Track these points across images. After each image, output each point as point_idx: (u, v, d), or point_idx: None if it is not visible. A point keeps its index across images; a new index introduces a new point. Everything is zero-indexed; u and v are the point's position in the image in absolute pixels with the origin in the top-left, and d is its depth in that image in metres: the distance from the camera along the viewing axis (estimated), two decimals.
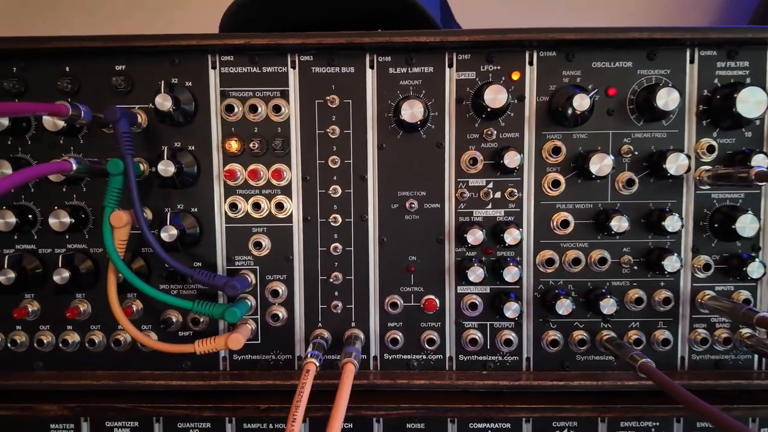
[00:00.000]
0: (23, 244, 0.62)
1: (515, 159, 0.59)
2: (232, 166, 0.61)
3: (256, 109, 0.60)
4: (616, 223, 0.59)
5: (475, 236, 0.60)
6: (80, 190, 0.62)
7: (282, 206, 0.61)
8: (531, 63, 0.61)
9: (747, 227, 0.58)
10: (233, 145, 0.60)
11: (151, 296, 0.57)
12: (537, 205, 0.62)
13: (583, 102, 0.57)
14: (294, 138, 0.61)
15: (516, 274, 0.59)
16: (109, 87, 0.60)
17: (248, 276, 0.62)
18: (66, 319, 0.62)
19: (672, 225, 0.59)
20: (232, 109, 0.60)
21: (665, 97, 0.57)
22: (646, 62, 0.60)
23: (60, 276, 0.58)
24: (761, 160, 0.58)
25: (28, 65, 0.60)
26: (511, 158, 0.59)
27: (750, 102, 0.56)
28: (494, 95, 0.57)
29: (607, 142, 0.61)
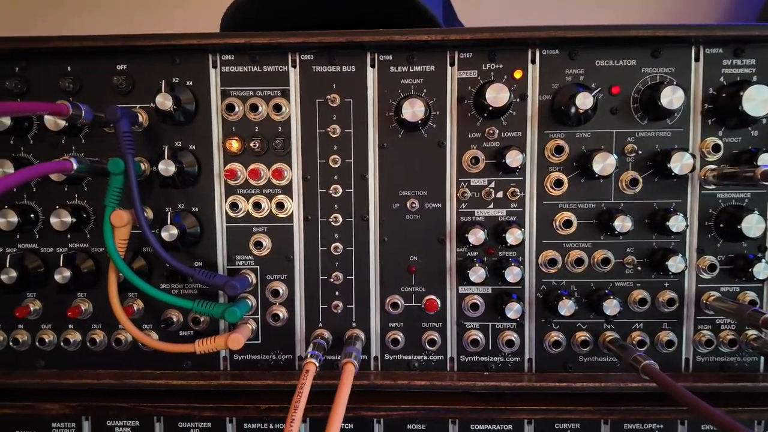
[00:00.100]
0: (25, 243, 0.62)
1: (517, 158, 0.58)
2: (232, 165, 0.61)
3: (256, 108, 0.60)
4: (619, 223, 0.58)
5: (476, 236, 0.59)
6: (81, 190, 0.62)
7: (282, 206, 0.61)
8: (533, 61, 0.60)
9: (753, 227, 0.57)
10: (234, 144, 0.60)
11: (152, 296, 0.57)
12: (539, 204, 0.61)
13: (586, 100, 0.56)
14: (294, 137, 0.61)
15: (518, 274, 0.59)
16: (111, 86, 0.60)
17: (249, 276, 0.62)
18: (67, 318, 0.62)
19: (676, 225, 0.58)
20: (232, 109, 0.60)
21: (670, 96, 0.56)
22: (650, 60, 0.60)
23: (61, 275, 0.58)
24: None
25: (30, 65, 0.61)
26: (513, 157, 0.58)
27: (756, 100, 0.56)
28: (496, 94, 0.57)
29: (610, 141, 0.60)
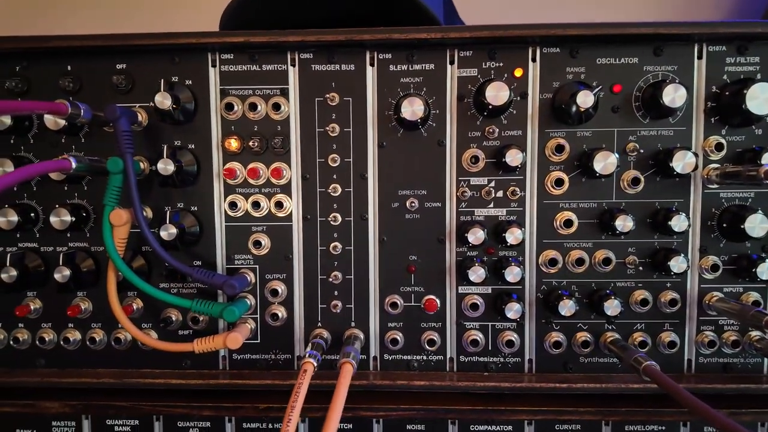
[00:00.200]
0: (25, 242, 0.63)
1: (517, 157, 0.58)
2: (231, 164, 0.61)
3: (255, 107, 0.60)
4: (621, 223, 0.58)
5: (476, 236, 0.59)
6: (81, 189, 0.62)
7: (281, 205, 0.61)
8: (534, 59, 0.60)
9: (757, 227, 0.57)
10: (233, 143, 0.60)
11: (151, 295, 0.57)
12: (540, 204, 0.61)
13: (587, 99, 0.56)
14: (294, 136, 0.61)
15: (518, 274, 0.59)
16: (110, 86, 0.60)
17: (247, 275, 0.62)
18: (67, 317, 0.62)
19: (679, 225, 0.57)
20: (231, 108, 0.60)
21: (672, 94, 0.56)
22: (652, 58, 0.59)
23: (61, 274, 0.59)
24: None
25: (30, 64, 0.61)
26: (513, 156, 0.58)
27: (760, 98, 0.55)
28: (496, 92, 0.56)
29: (612, 139, 0.60)
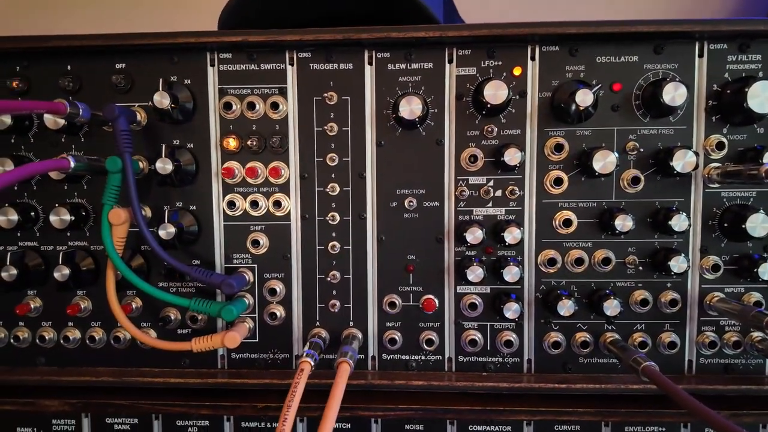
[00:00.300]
0: (25, 241, 0.63)
1: (516, 156, 0.57)
2: (230, 163, 0.61)
3: (254, 106, 0.60)
4: (620, 222, 0.57)
5: (474, 235, 0.58)
6: (81, 188, 0.62)
7: (280, 204, 0.61)
8: (533, 58, 0.59)
9: (758, 227, 0.56)
10: (231, 142, 0.60)
11: (150, 294, 0.57)
12: (539, 203, 0.61)
13: (586, 97, 0.55)
14: (292, 135, 0.61)
15: (516, 274, 0.58)
16: (110, 85, 0.60)
17: (246, 274, 0.62)
18: (67, 316, 0.62)
19: (679, 224, 0.57)
20: (230, 107, 0.60)
21: (672, 92, 0.55)
22: (652, 56, 0.58)
23: (61, 273, 0.59)
24: None
25: (31, 64, 0.61)
26: (511, 155, 0.57)
27: (762, 97, 0.55)
28: (494, 91, 0.56)
29: (611, 138, 0.59)
